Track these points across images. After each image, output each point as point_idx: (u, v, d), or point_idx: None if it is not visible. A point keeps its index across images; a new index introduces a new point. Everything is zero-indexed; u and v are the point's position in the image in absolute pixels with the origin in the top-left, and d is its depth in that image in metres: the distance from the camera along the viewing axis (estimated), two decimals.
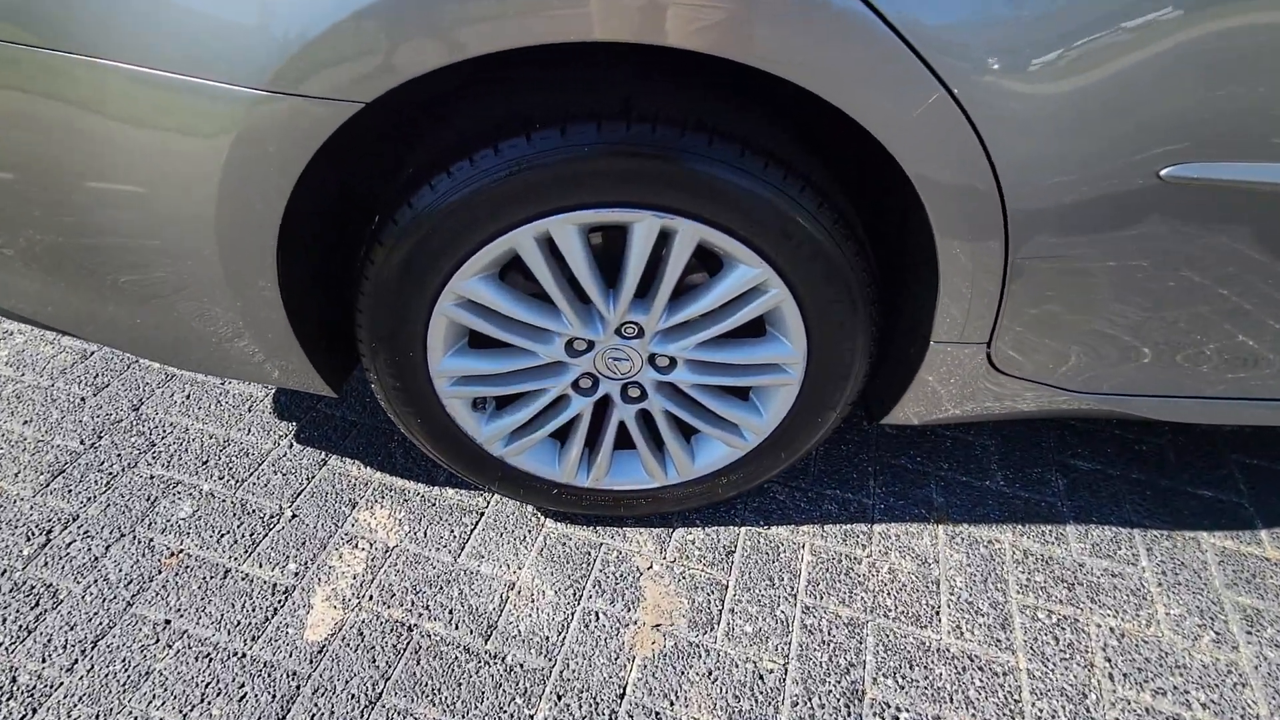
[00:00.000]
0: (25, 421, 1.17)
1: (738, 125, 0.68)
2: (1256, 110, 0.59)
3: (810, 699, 0.86)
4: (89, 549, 0.99)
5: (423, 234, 0.70)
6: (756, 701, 0.86)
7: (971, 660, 0.90)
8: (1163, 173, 0.63)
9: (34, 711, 0.83)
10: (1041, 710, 0.85)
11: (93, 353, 1.30)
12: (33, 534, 1.01)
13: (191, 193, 0.64)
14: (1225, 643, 0.93)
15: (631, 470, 0.99)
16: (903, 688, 0.87)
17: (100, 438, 1.15)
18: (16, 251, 0.76)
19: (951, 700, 0.86)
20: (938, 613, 0.95)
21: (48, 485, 1.07)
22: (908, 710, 0.85)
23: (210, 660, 0.88)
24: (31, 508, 1.04)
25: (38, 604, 0.93)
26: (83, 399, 1.21)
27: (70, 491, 1.07)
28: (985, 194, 0.62)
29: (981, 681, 0.88)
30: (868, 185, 0.79)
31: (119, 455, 1.12)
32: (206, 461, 1.12)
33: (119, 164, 0.64)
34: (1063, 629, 0.94)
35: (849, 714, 0.85)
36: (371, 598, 0.95)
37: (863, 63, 0.56)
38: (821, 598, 0.96)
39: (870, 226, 0.82)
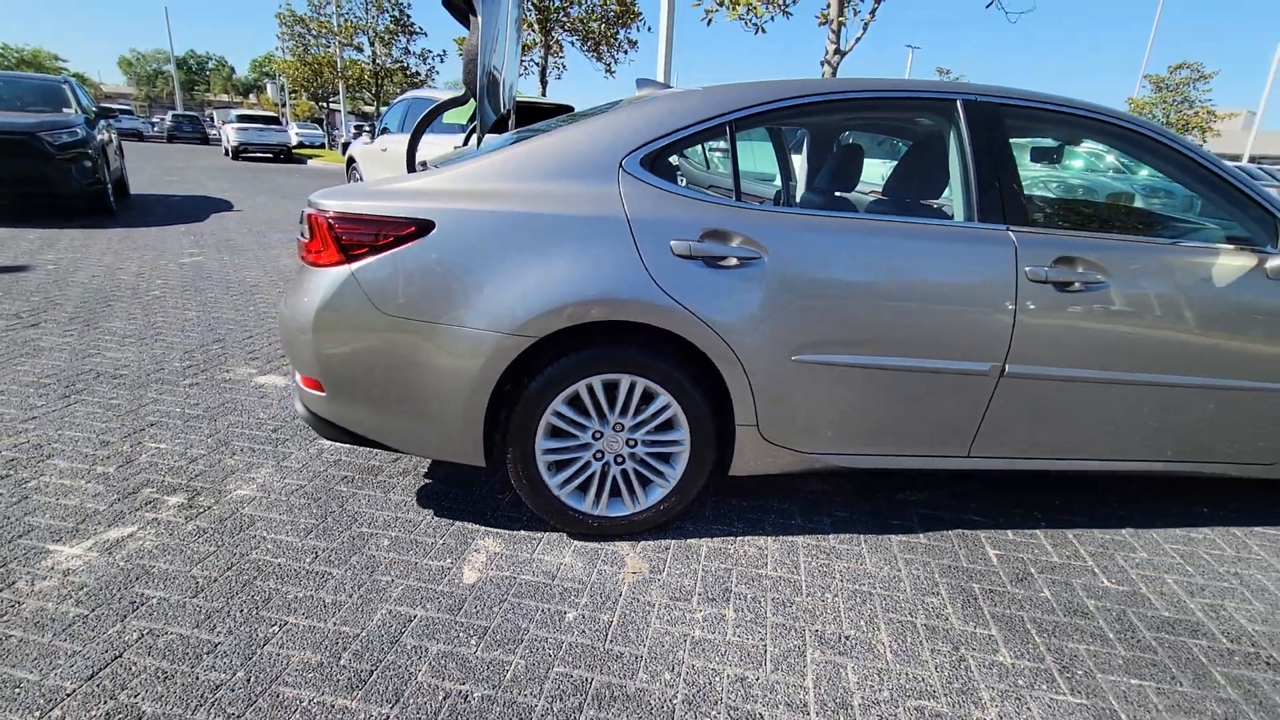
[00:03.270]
0: (280, 513, 2.13)
1: (660, 342, 1.96)
2: (840, 332, 1.92)
3: (707, 592, 1.86)
4: (339, 558, 1.93)
5: (541, 388, 1.90)
6: (679, 595, 1.85)
7: (787, 581, 1.93)
8: (793, 357, 1.94)
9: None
10: (815, 586, 1.88)
11: (307, 484, 2.31)
12: (307, 552, 1.94)
13: (464, 378, 1.84)
14: (890, 563, 2.00)
15: (617, 506, 2.07)
16: (749, 587, 1.89)
17: (325, 518, 2.12)
18: (389, 403, 1.90)
19: (771, 590, 1.88)
20: (766, 562, 1.99)
21: (306, 536, 2.02)
22: (751, 595, 1.86)
23: (417, 592, 1.80)
24: (301, 543, 1.98)
25: (324, 577, 1.84)
26: (307, 505, 2.20)
27: (319, 537, 2.02)
28: (726, 354, 1.90)
29: (784, 585, 1.91)
30: (705, 360, 2.05)
31: (338, 524, 2.09)
32: (389, 525, 2.10)
33: (449, 366, 1.84)
34: (820, 563, 1.99)
35: (725, 597, 1.84)
36: (491, 568, 1.91)
37: (689, 326, 1.86)
38: (710, 561, 2.00)
39: (712, 372, 2.05)
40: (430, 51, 21.83)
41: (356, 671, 1.53)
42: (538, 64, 15.30)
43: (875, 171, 3.95)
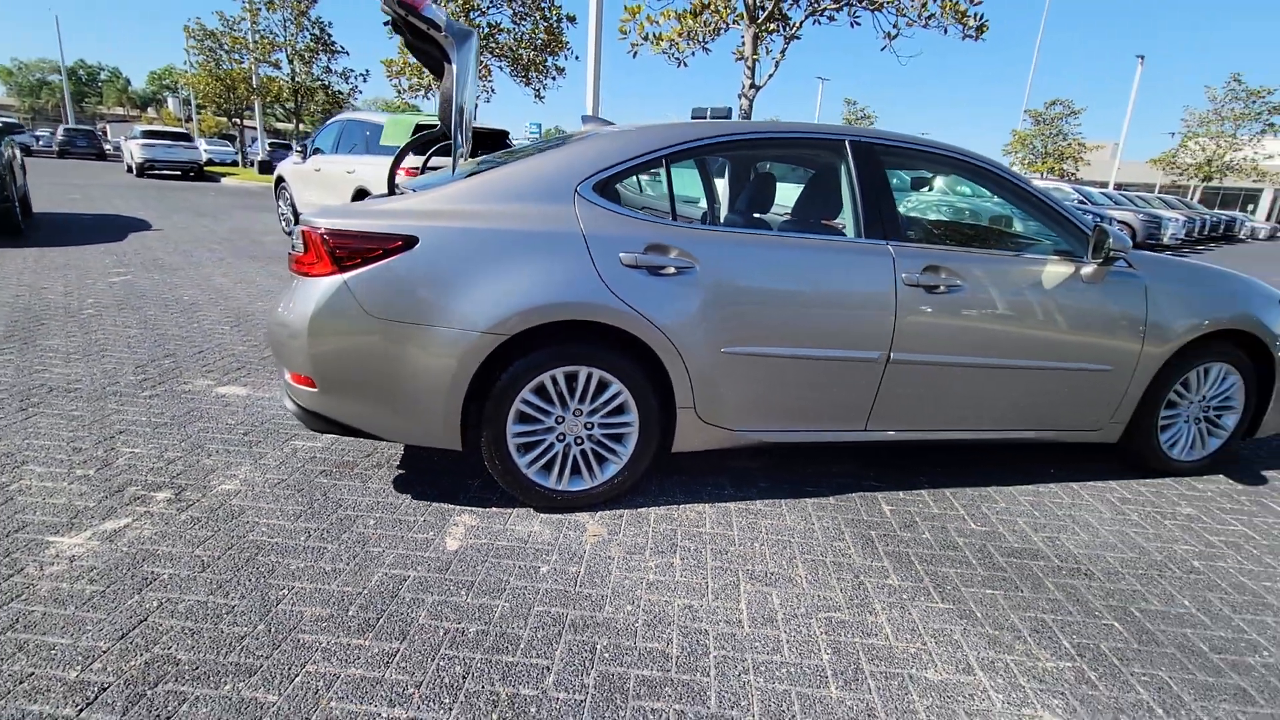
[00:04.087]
0: (267, 503, 2.34)
1: (612, 339, 2.31)
2: (758, 328, 2.33)
3: (657, 547, 2.21)
4: (331, 535, 2.16)
5: (511, 379, 2.21)
6: (635, 550, 2.19)
7: (722, 536, 2.31)
8: (722, 349, 2.34)
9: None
10: (746, 539, 2.27)
11: (288, 478, 2.51)
12: (300, 533, 2.16)
13: (444, 373, 2.13)
14: (805, 519, 2.42)
15: (577, 481, 2.39)
16: (692, 542, 2.25)
17: (312, 505, 2.34)
18: (376, 396, 2.16)
19: (710, 543, 2.25)
20: (705, 523, 2.37)
21: (296, 520, 2.24)
22: (694, 547, 2.22)
23: (407, 558, 2.07)
24: (293, 525, 2.20)
25: (320, 551, 2.08)
26: (292, 495, 2.41)
27: (309, 520, 2.24)
28: (668, 348, 2.27)
29: (720, 539, 2.28)
30: (650, 353, 2.41)
31: (324, 509, 2.32)
32: (372, 509, 2.34)
33: (431, 362, 2.13)
34: (749, 522, 2.39)
35: (672, 550, 2.20)
36: (470, 537, 2.20)
37: (637, 325, 2.23)
38: (659, 524, 2.35)
39: (656, 363, 2.42)
40: (352, 70, 21.54)
41: (364, 619, 1.79)
42: None
43: (789, 195, 4.47)
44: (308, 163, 8.01)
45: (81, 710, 1.46)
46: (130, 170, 19.89)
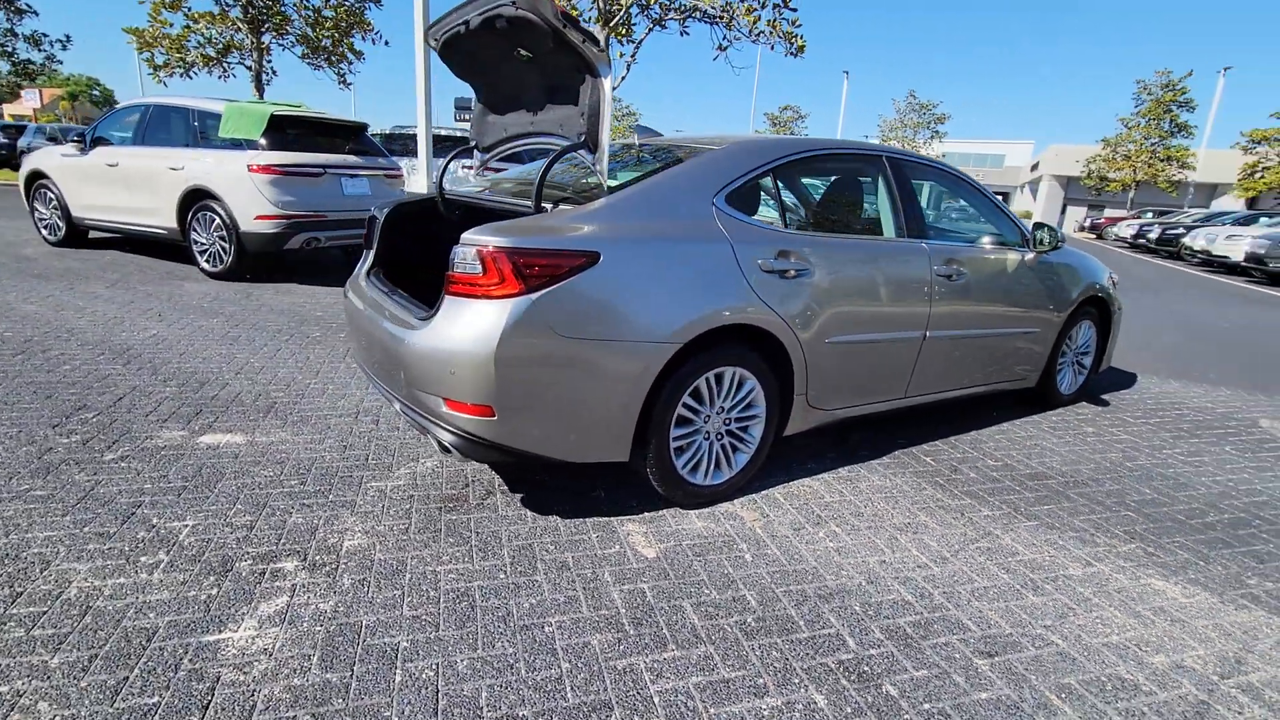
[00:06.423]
0: (420, 550, 2.12)
1: (749, 338, 2.49)
2: (851, 319, 2.68)
3: (809, 521, 2.48)
4: (526, 569, 2.07)
5: (675, 385, 2.30)
6: (797, 526, 2.44)
7: (845, 501, 2.65)
8: (827, 340, 2.66)
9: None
10: (864, 501, 2.63)
11: (410, 521, 2.27)
12: (492, 573, 2.03)
13: (626, 385, 2.15)
14: (885, 478, 2.87)
15: (718, 475, 2.55)
16: (829, 512, 2.56)
17: (470, 544, 2.18)
18: (556, 417, 2.09)
19: (843, 509, 2.58)
20: (823, 495, 2.69)
21: (473, 561, 2.08)
22: (835, 515, 2.54)
23: (622, 573, 2.08)
24: (476, 567, 2.05)
25: (533, 586, 1.98)
26: (436, 539, 2.20)
27: (485, 559, 2.10)
28: (795, 342, 2.55)
29: (847, 504, 2.63)
30: (779, 349, 2.64)
31: (489, 546, 2.18)
32: (535, 535, 2.25)
33: (616, 375, 2.13)
34: (853, 487, 2.76)
35: (823, 521, 2.49)
36: (656, 543, 2.25)
37: (775, 324, 2.45)
38: (790, 501, 2.62)
39: (780, 357, 2.65)
40: (46, 35, 16.96)
41: (652, 633, 1.81)
42: (250, 68, 13.15)
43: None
44: (90, 155, 6.44)
45: None
46: None
